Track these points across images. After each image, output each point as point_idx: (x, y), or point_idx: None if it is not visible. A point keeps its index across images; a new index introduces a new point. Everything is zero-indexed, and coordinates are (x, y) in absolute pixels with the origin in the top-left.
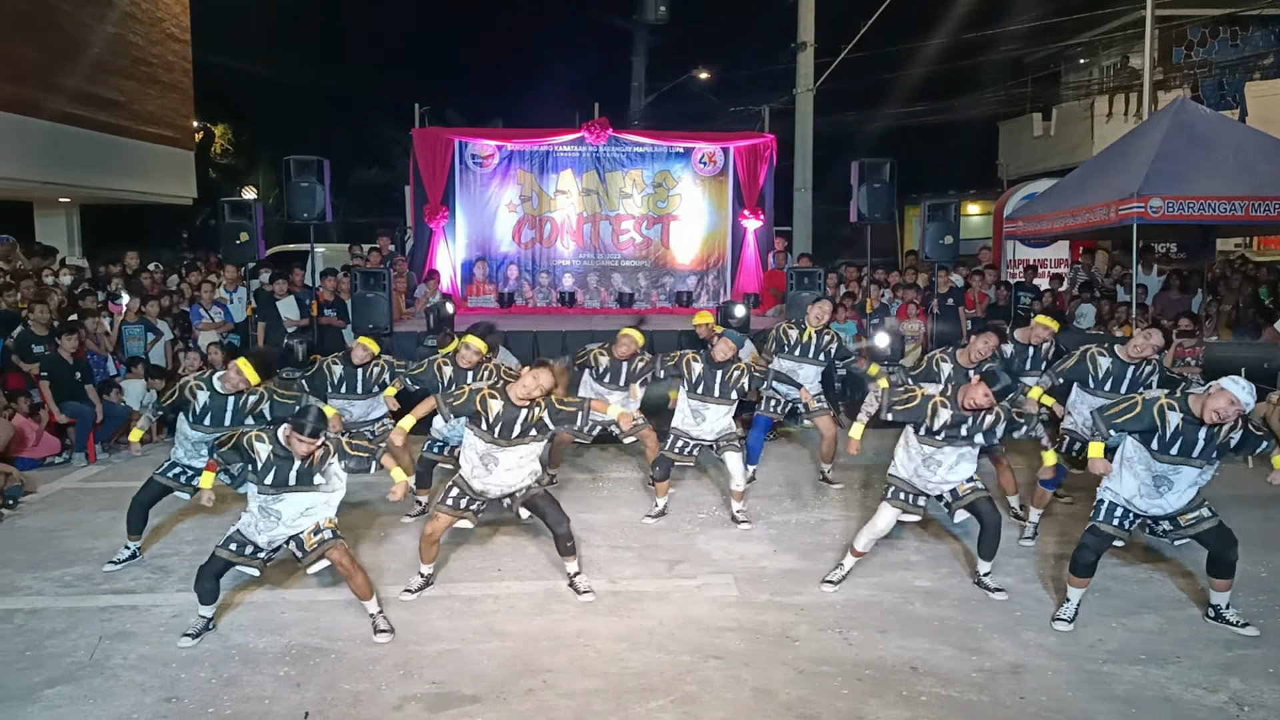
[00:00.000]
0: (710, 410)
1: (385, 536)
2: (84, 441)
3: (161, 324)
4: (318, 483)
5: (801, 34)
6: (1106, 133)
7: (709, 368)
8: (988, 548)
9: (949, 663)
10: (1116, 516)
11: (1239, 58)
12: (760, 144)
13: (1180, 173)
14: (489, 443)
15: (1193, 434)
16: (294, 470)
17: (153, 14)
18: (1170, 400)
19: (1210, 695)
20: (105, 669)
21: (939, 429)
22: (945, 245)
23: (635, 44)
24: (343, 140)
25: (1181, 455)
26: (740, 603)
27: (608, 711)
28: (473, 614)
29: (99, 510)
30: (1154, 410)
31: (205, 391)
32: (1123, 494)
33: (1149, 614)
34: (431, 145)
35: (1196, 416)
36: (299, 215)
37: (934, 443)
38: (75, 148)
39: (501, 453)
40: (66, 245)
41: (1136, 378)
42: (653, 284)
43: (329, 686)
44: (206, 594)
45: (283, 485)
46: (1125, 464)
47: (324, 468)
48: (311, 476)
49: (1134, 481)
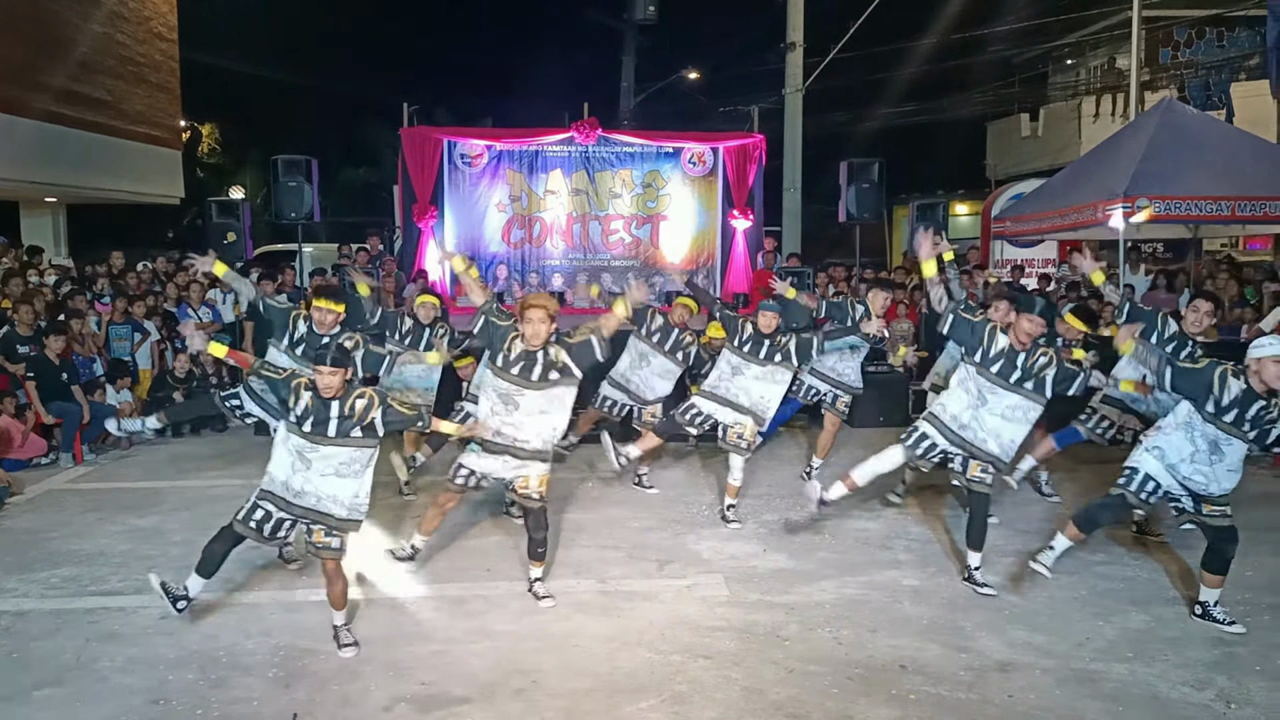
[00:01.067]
0: (750, 370)
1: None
2: (70, 442)
3: (149, 324)
4: (354, 436)
5: (791, 34)
6: (1094, 133)
7: (758, 334)
8: (974, 539)
9: (938, 661)
10: (1147, 490)
11: (1225, 58)
12: (749, 144)
13: (1167, 173)
14: (509, 382)
15: (1248, 406)
16: (333, 419)
17: (140, 13)
18: (1236, 368)
19: (1197, 693)
20: (93, 671)
21: (996, 356)
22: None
23: (624, 44)
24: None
25: (1235, 425)
26: (730, 602)
27: (598, 712)
28: (462, 614)
29: (86, 511)
30: (1215, 373)
31: (305, 323)
32: (1170, 457)
33: (1136, 612)
34: (420, 145)
35: (1255, 390)
36: (287, 215)
37: (990, 377)
38: (62, 147)
39: (522, 396)
40: (53, 245)
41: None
42: None
43: (318, 687)
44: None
45: (321, 434)
46: (1181, 427)
47: (366, 420)
48: (350, 429)
49: (1189, 446)
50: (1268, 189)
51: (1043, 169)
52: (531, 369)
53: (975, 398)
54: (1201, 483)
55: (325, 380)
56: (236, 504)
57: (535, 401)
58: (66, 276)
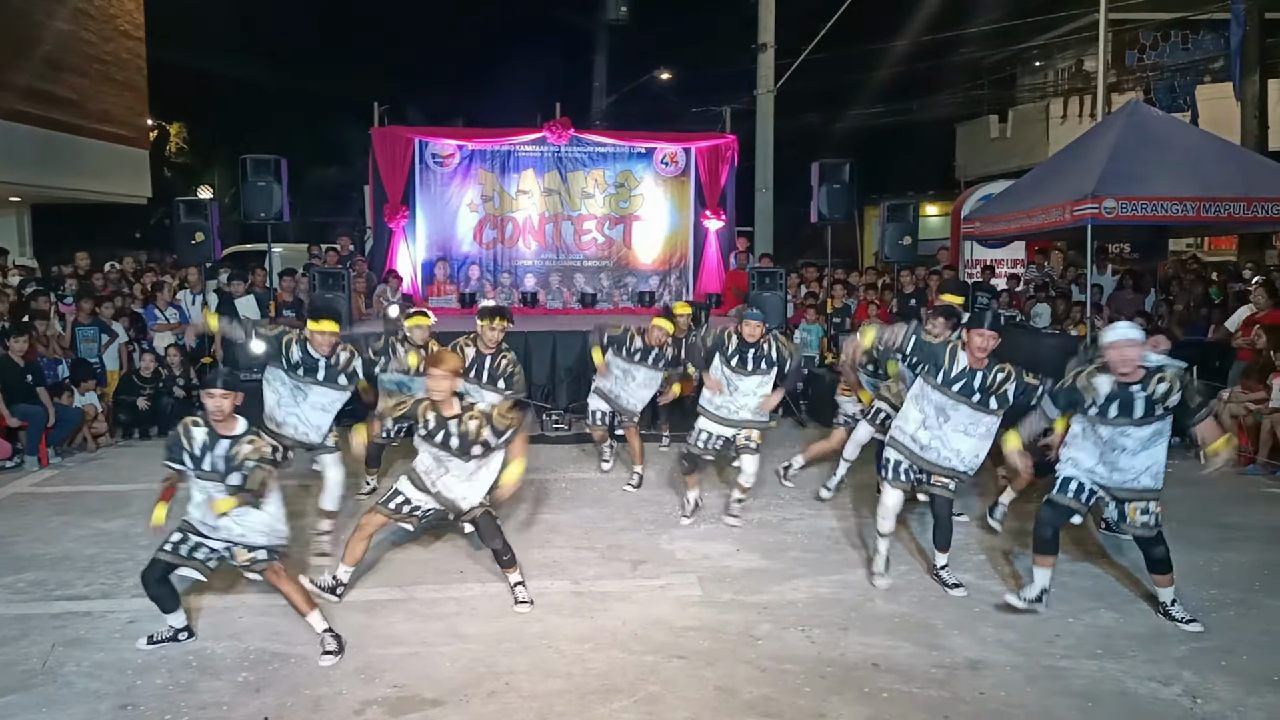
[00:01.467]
0: (744, 383)
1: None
2: (36, 445)
3: (116, 325)
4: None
5: (762, 35)
6: (1061, 134)
7: (743, 344)
8: (941, 540)
9: (909, 659)
10: (1072, 489)
11: (1190, 61)
12: (722, 144)
13: (1134, 174)
14: (435, 450)
15: (1128, 396)
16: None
17: (106, 10)
18: (1094, 368)
19: (1164, 688)
20: (59, 676)
21: (958, 376)
22: (904, 246)
23: (596, 44)
24: (300, 139)
25: (1123, 417)
26: (703, 602)
27: (570, 713)
28: (434, 616)
29: (51, 515)
30: (1079, 380)
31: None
32: (1083, 464)
33: (1105, 609)
34: (391, 144)
35: (1121, 379)
36: (256, 215)
37: (952, 395)
38: (26, 146)
39: (451, 462)
40: (17, 245)
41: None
42: (615, 284)
43: (289, 691)
44: (162, 599)
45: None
46: (1077, 440)
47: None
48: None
49: (1094, 451)
50: (1231, 190)
51: (1011, 170)
52: (449, 439)
53: (935, 416)
54: (1123, 475)
55: (214, 403)
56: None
57: (466, 467)
58: (31, 277)
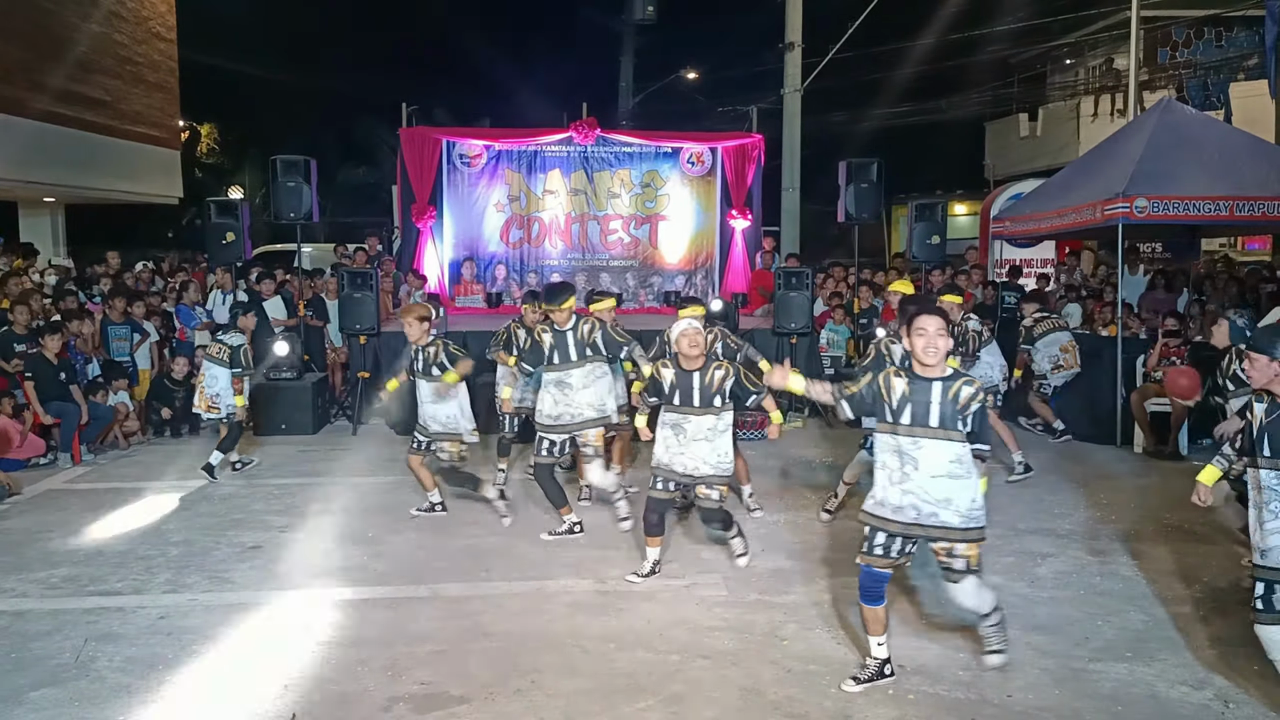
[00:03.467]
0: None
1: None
2: (69, 442)
3: (148, 324)
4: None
5: (789, 34)
6: (1092, 133)
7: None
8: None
9: (936, 660)
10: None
11: (1223, 58)
12: (748, 144)
13: (1166, 173)
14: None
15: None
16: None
17: (138, 13)
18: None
19: (1195, 693)
20: (91, 671)
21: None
22: (932, 245)
23: (623, 44)
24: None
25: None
26: (728, 602)
27: (596, 711)
28: (461, 614)
29: (84, 511)
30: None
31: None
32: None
33: (1134, 611)
34: (419, 145)
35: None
36: (286, 215)
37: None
38: (60, 147)
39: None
40: (51, 245)
41: None
42: (640, 284)
43: (316, 687)
44: None
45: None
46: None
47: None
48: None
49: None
50: (1265, 189)
51: (1041, 169)
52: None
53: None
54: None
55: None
56: (238, 503)
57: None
58: (67, 277)
